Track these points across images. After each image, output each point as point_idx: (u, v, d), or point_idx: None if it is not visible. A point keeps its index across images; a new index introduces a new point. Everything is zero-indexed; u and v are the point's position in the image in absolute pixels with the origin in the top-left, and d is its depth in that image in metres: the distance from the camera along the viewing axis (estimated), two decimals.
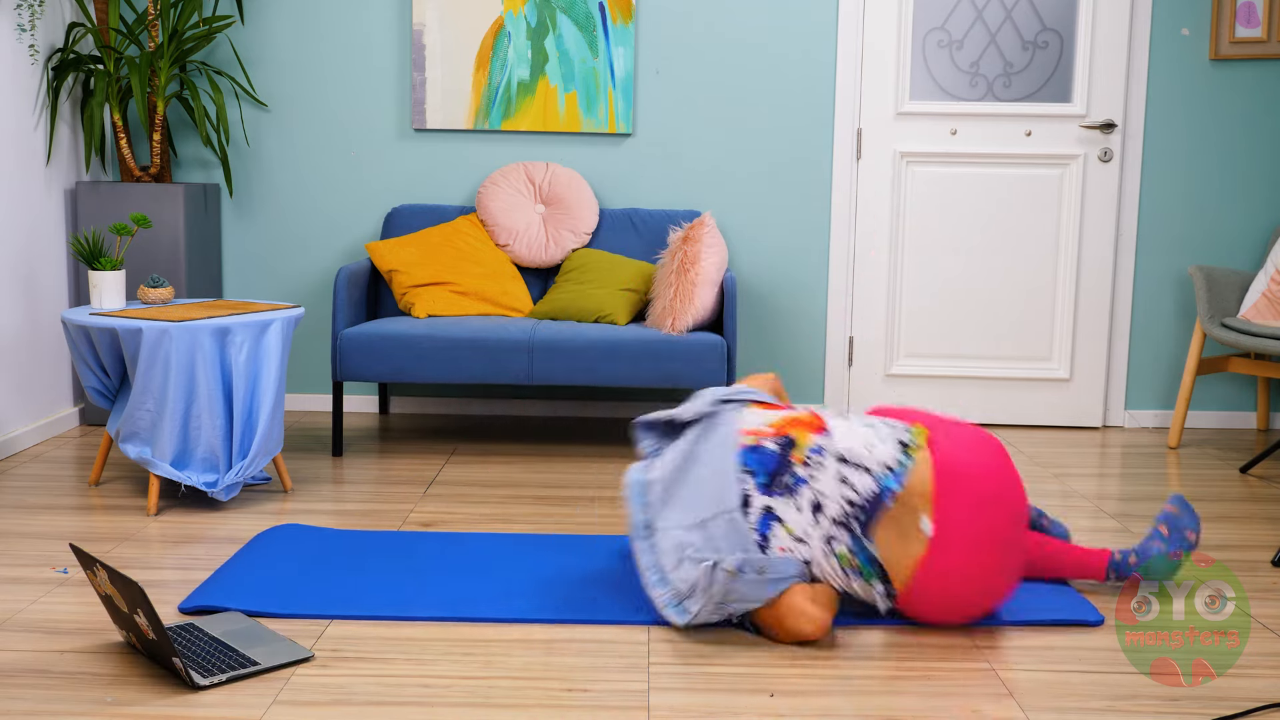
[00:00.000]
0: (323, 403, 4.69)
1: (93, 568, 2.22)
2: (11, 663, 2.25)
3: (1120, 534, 3.21)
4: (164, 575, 2.74)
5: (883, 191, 4.56)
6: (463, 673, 2.25)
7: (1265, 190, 4.53)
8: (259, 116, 4.55)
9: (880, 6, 4.48)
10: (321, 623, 2.46)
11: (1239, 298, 4.26)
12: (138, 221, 3.51)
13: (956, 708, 2.13)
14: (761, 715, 2.09)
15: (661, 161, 4.55)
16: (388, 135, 4.57)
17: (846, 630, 2.48)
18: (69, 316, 3.32)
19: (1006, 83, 4.50)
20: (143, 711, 2.06)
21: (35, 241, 4.05)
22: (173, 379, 3.17)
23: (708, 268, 4.01)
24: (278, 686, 2.16)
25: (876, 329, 4.62)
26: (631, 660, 2.31)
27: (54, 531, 3.06)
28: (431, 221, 4.42)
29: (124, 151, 4.29)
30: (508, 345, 3.83)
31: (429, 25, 4.46)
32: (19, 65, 3.97)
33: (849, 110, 4.52)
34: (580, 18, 4.45)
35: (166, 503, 3.34)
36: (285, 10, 4.51)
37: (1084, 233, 4.54)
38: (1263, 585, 2.81)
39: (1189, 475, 3.92)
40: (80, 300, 4.31)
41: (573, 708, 2.11)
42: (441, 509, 3.35)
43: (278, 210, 4.60)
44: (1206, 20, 4.44)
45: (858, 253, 4.59)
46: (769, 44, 4.50)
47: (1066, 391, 4.62)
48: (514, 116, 4.50)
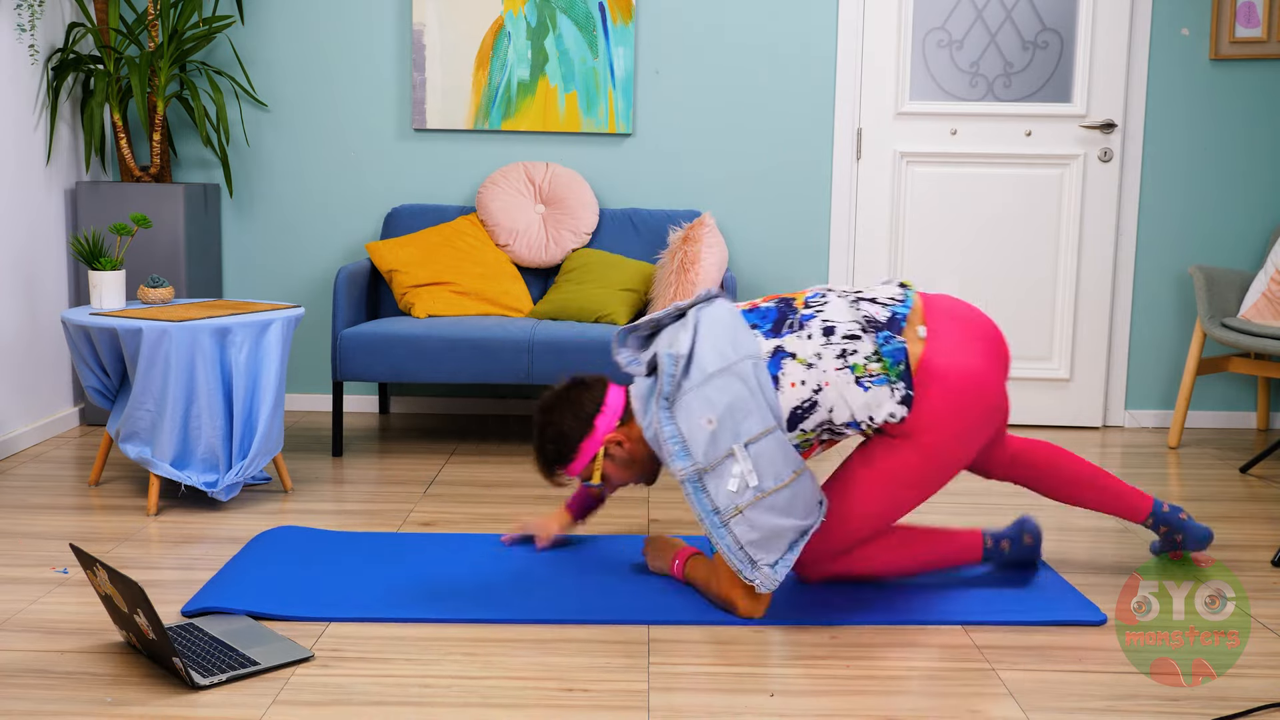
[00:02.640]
0: (323, 403, 4.69)
1: (93, 568, 2.22)
2: (11, 663, 2.25)
3: (1120, 534, 3.21)
4: (164, 575, 2.74)
5: (883, 191, 4.56)
6: (463, 673, 2.25)
7: (1265, 190, 4.53)
8: (259, 116, 4.56)
9: (880, 6, 4.48)
10: (321, 623, 2.46)
11: (1239, 298, 4.26)
12: (138, 221, 3.51)
13: (956, 708, 2.13)
14: (761, 715, 2.09)
15: (661, 161, 4.55)
16: (388, 135, 4.57)
17: (847, 630, 2.48)
18: (69, 316, 3.32)
19: (1006, 83, 4.50)
20: (143, 711, 2.06)
21: (35, 241, 4.05)
22: (173, 379, 3.17)
23: (708, 268, 4.01)
24: (278, 686, 2.16)
25: None
26: (631, 660, 2.31)
27: (54, 531, 3.06)
28: (431, 221, 4.42)
29: (124, 151, 4.29)
30: (508, 345, 3.83)
31: (429, 25, 4.46)
32: (19, 65, 3.97)
33: (849, 110, 4.52)
34: (580, 18, 4.45)
35: (166, 503, 3.34)
36: (285, 10, 4.51)
37: (1084, 233, 4.54)
38: (1263, 585, 2.81)
39: (1189, 475, 3.92)
40: (80, 300, 4.31)
41: (572, 708, 2.11)
42: (441, 509, 3.35)
43: (278, 210, 4.60)
44: (1206, 20, 4.44)
45: (858, 252, 4.59)
46: (769, 44, 4.50)
47: (1066, 391, 4.62)
48: (514, 116, 4.50)
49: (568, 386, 2.67)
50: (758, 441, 2.39)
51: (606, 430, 2.61)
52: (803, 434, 2.49)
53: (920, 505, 2.73)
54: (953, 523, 3.27)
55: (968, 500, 3.51)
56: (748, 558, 2.41)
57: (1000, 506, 3.44)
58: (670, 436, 2.41)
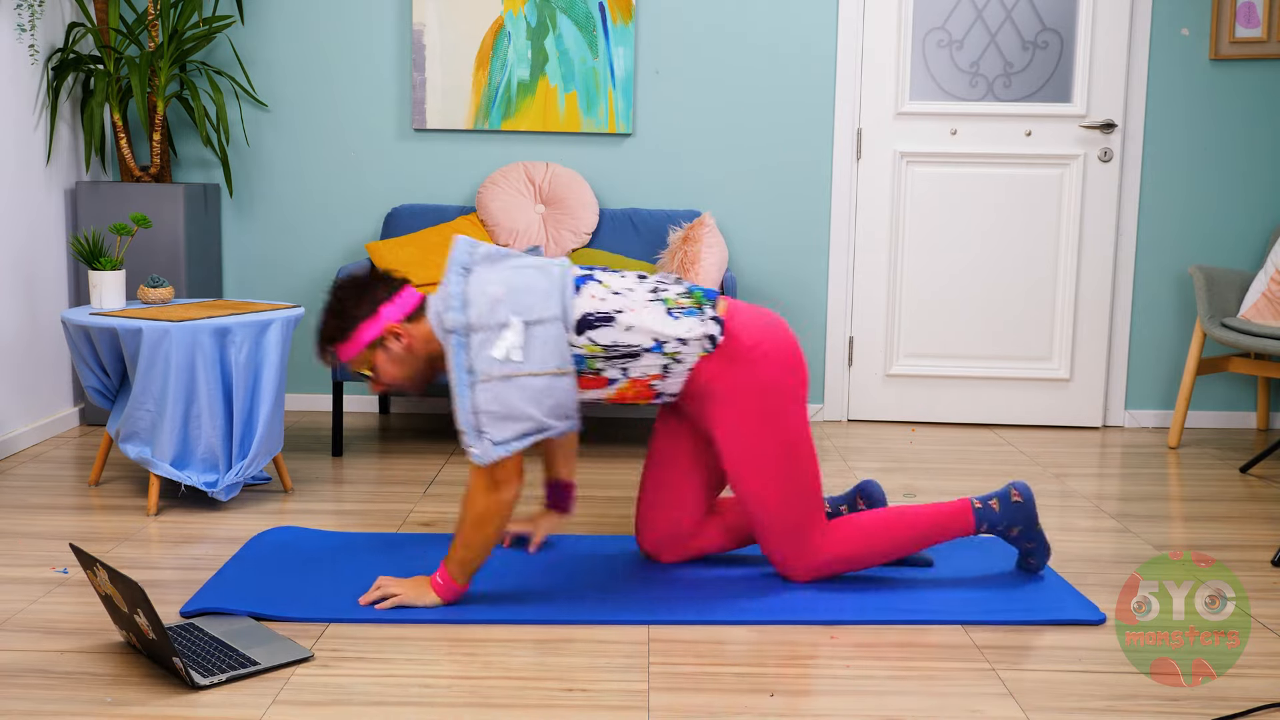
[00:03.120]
0: (323, 403, 4.69)
1: (93, 568, 2.22)
2: (11, 663, 2.25)
3: (1120, 534, 3.21)
4: (164, 575, 2.74)
5: (883, 191, 4.56)
6: (463, 673, 2.25)
7: (1265, 190, 4.53)
8: (259, 116, 4.56)
9: (880, 6, 4.48)
10: (321, 623, 2.46)
11: (1239, 298, 4.26)
12: (138, 221, 3.51)
13: (956, 708, 2.13)
14: (761, 715, 2.09)
15: (661, 161, 4.55)
16: (388, 135, 4.57)
17: (847, 630, 2.49)
18: (69, 316, 3.32)
19: (1006, 83, 4.50)
20: (143, 711, 2.06)
21: (35, 241, 4.05)
22: (173, 379, 3.17)
23: (708, 268, 4.01)
24: (278, 686, 2.16)
25: (876, 329, 4.62)
26: (631, 660, 2.31)
27: (54, 531, 3.06)
28: (431, 221, 4.42)
29: (124, 151, 4.29)
30: None
31: (429, 25, 4.46)
32: (19, 65, 3.97)
33: (849, 110, 4.52)
34: (580, 18, 4.45)
35: (166, 503, 3.34)
36: (285, 10, 4.51)
37: (1084, 233, 4.54)
38: (1263, 585, 2.81)
39: (1189, 475, 3.92)
40: (80, 300, 4.31)
41: (572, 708, 2.11)
42: (441, 509, 3.35)
43: (278, 210, 4.60)
44: (1206, 20, 4.44)
45: (858, 252, 4.59)
46: (769, 44, 4.50)
47: (1066, 391, 4.62)
48: (514, 116, 4.50)
49: (369, 273, 2.67)
50: (536, 325, 2.45)
51: (390, 320, 2.60)
52: (590, 345, 2.52)
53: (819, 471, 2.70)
54: None
55: None
56: (477, 426, 2.44)
57: None
58: (455, 294, 2.48)
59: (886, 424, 4.64)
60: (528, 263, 2.58)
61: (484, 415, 2.43)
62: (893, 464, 3.98)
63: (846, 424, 4.63)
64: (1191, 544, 3.15)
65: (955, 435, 4.46)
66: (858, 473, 3.83)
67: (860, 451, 4.16)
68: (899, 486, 3.66)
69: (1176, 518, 3.41)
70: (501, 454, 2.44)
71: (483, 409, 2.43)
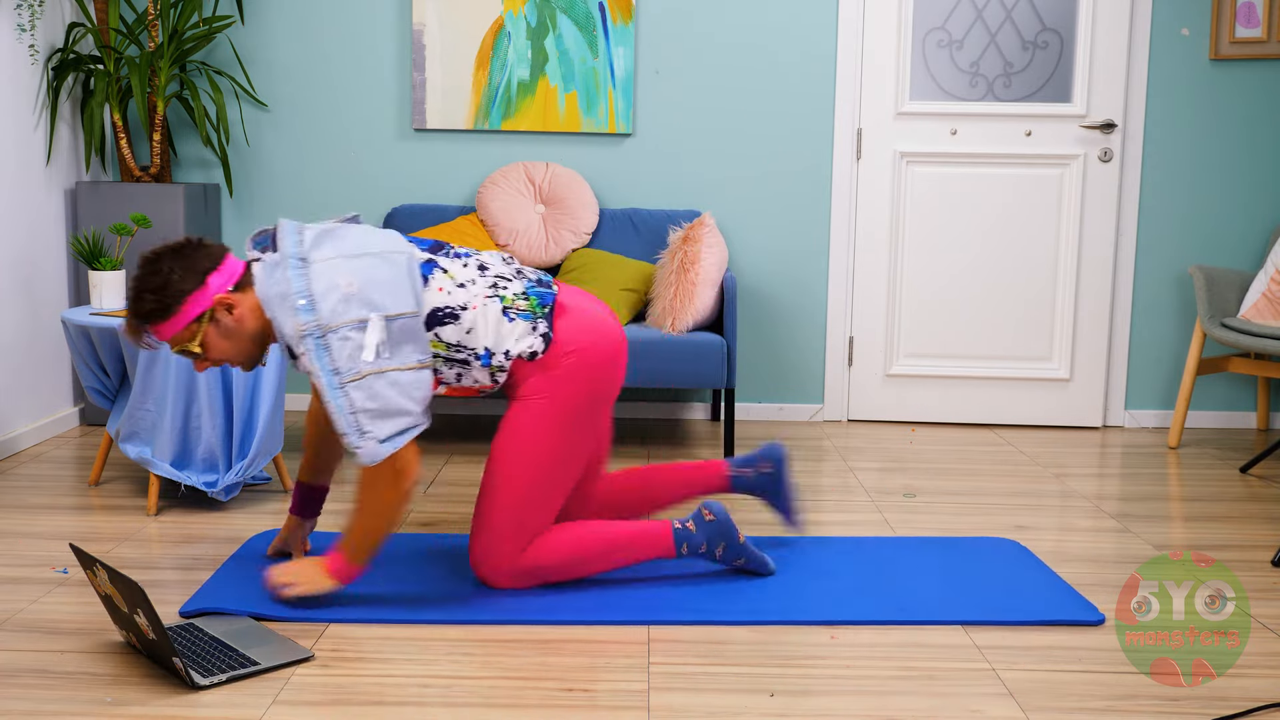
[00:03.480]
0: None
1: (93, 568, 2.22)
2: (11, 663, 2.25)
3: (1120, 534, 3.21)
4: (164, 575, 2.74)
5: (883, 191, 4.56)
6: (463, 673, 2.25)
7: (1265, 190, 4.53)
8: (259, 116, 4.56)
9: (880, 6, 4.48)
10: (321, 623, 2.46)
11: (1239, 298, 4.26)
12: (138, 221, 3.51)
13: (956, 708, 2.13)
14: (761, 715, 2.09)
15: (661, 161, 4.55)
16: (388, 135, 4.57)
17: (847, 630, 2.49)
18: (69, 316, 3.32)
19: (1006, 83, 4.50)
20: (143, 711, 2.06)
21: (35, 241, 4.05)
22: (173, 379, 3.17)
23: (708, 268, 4.01)
24: (278, 686, 2.16)
25: (876, 329, 4.62)
26: (631, 660, 2.31)
27: (54, 531, 3.06)
28: (431, 221, 4.42)
29: (124, 151, 4.29)
30: None
31: (429, 25, 4.46)
32: (19, 65, 3.97)
33: (849, 110, 4.52)
34: (580, 18, 4.45)
35: (166, 503, 3.34)
36: (285, 10, 4.51)
37: (1084, 233, 4.54)
38: (1263, 585, 2.81)
39: (1189, 475, 3.92)
40: (80, 300, 4.31)
41: (572, 708, 2.11)
42: (441, 509, 3.35)
43: (278, 210, 4.59)
44: (1206, 20, 4.44)
45: (858, 252, 4.59)
46: (769, 44, 4.50)
47: (1066, 391, 4.62)
48: (514, 116, 4.50)
49: (183, 241, 2.48)
50: (395, 320, 2.42)
51: (219, 290, 2.44)
52: (436, 342, 2.52)
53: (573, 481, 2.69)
54: (952, 523, 3.28)
55: (969, 500, 3.51)
56: (357, 425, 2.38)
57: (998, 506, 3.44)
58: (299, 292, 2.38)
59: (886, 424, 4.64)
60: (369, 248, 2.48)
61: (363, 415, 2.38)
62: (893, 464, 3.98)
63: (846, 424, 4.63)
64: (1191, 544, 3.15)
65: (955, 435, 4.47)
66: (858, 473, 3.83)
67: (860, 451, 4.16)
68: (899, 487, 3.66)
69: (1176, 518, 3.41)
70: (389, 451, 2.40)
71: (360, 408, 2.38)
